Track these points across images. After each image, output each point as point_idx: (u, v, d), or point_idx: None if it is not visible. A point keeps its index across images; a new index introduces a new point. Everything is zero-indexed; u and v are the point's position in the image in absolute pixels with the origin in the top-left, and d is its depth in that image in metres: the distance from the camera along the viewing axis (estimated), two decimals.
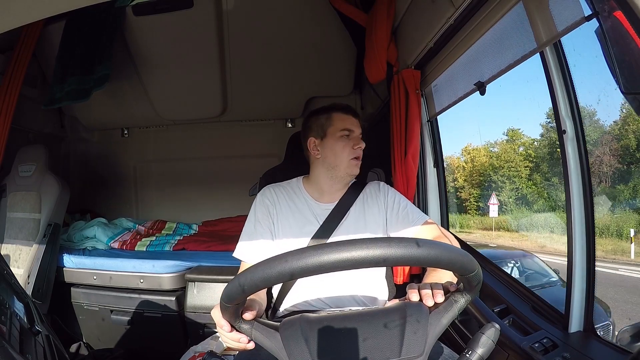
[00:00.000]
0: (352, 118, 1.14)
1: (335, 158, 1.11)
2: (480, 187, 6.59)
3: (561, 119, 0.98)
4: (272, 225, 1.10)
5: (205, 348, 1.50)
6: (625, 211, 4.83)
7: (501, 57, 1.11)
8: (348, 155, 1.10)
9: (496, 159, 6.52)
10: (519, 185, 6.14)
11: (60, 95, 2.15)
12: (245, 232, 1.10)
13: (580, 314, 0.95)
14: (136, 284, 2.04)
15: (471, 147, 6.86)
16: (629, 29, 0.58)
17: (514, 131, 6.98)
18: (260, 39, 2.27)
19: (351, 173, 1.12)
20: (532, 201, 5.97)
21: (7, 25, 0.78)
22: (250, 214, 1.13)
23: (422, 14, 1.36)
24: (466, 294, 0.63)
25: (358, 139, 1.13)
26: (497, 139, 7.37)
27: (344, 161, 1.10)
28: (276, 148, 2.57)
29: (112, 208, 2.99)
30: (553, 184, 5.66)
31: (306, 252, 0.52)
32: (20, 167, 2.23)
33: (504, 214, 6.19)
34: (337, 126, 1.12)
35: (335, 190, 1.14)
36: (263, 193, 1.14)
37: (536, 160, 6.16)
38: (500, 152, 6.64)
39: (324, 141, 1.12)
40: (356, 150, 1.11)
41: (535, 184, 6.06)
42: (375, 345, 0.61)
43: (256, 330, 0.63)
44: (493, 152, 6.77)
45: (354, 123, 1.13)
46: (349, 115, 1.14)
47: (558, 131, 1.00)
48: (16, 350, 0.73)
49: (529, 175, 6.20)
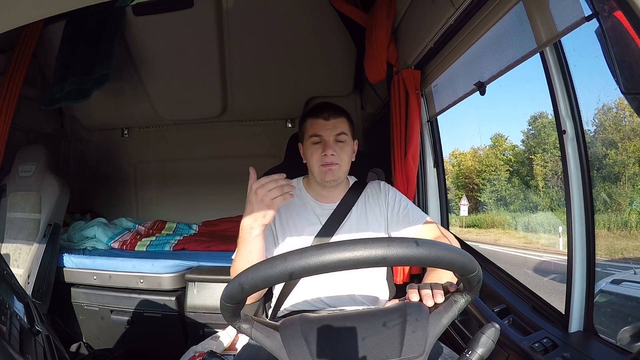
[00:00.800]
0: (322, 121, 1.07)
1: (309, 164, 1.10)
2: (465, 189, 6.94)
3: (561, 119, 0.98)
4: (273, 226, 1.09)
5: (205, 348, 1.50)
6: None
7: (501, 57, 1.11)
8: (317, 162, 1.06)
9: (479, 163, 6.94)
10: (498, 188, 6.69)
11: (61, 95, 2.14)
12: None
13: (580, 314, 0.95)
14: (136, 283, 2.04)
15: (458, 152, 7.19)
16: (629, 29, 0.58)
17: (497, 137, 7.39)
18: (260, 39, 2.27)
19: (324, 179, 1.07)
20: (510, 202, 6.57)
21: (7, 25, 0.78)
22: None
23: (422, 14, 1.36)
24: (466, 294, 0.63)
25: (328, 144, 1.06)
26: (482, 144, 7.84)
27: (315, 167, 1.07)
28: (276, 148, 2.57)
29: (112, 208, 3.00)
30: (530, 187, 6.20)
31: (306, 252, 0.52)
32: (20, 167, 2.23)
33: (484, 213, 6.59)
34: (308, 132, 1.09)
35: (332, 191, 1.14)
36: None
37: (515, 165, 6.69)
38: (482, 157, 7.10)
39: (304, 146, 1.12)
40: (324, 157, 1.05)
41: (514, 186, 6.61)
42: (375, 345, 0.61)
43: (256, 330, 0.63)
44: (478, 156, 7.20)
45: (324, 127, 1.07)
46: (318, 119, 1.08)
47: (558, 131, 0.99)
48: (16, 350, 0.73)
49: (508, 179, 6.75)
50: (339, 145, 1.07)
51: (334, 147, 1.06)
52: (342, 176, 1.11)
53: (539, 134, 5.55)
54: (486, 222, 6.39)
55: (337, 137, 1.07)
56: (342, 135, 1.08)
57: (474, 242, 4.00)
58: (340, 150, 1.07)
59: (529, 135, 6.13)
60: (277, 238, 1.09)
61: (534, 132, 5.90)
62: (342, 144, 1.08)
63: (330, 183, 1.09)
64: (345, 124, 1.10)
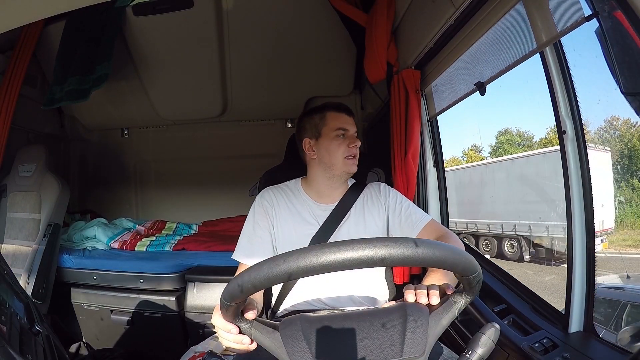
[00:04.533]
0: (346, 116, 1.13)
1: (331, 157, 1.10)
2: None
3: (561, 119, 0.98)
4: (272, 227, 1.10)
5: (205, 348, 1.50)
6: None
7: (501, 57, 1.11)
8: (343, 154, 1.10)
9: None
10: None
11: (60, 95, 2.14)
12: (243, 234, 1.10)
13: (580, 314, 0.95)
14: (136, 284, 2.04)
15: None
16: (629, 29, 0.59)
17: (469, 150, 9.11)
18: (260, 39, 2.27)
19: (348, 171, 1.11)
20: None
21: (7, 25, 0.78)
22: (249, 216, 1.12)
23: (422, 14, 1.36)
24: (466, 294, 0.63)
25: (353, 137, 1.12)
26: (464, 149, 9.08)
27: (340, 160, 1.10)
28: (276, 148, 2.56)
29: (112, 208, 3.00)
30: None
31: (307, 252, 0.52)
32: (20, 167, 2.23)
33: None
34: (331, 125, 1.11)
35: (333, 190, 1.14)
36: (262, 195, 1.14)
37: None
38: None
39: (319, 141, 1.12)
40: (351, 148, 1.10)
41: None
42: (375, 345, 0.61)
43: (256, 329, 0.63)
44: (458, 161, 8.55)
45: (348, 121, 1.12)
46: (342, 113, 1.13)
47: (558, 131, 1.00)
48: (16, 350, 0.73)
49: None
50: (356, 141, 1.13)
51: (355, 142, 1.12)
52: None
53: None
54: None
55: (355, 134, 1.13)
56: (356, 133, 1.14)
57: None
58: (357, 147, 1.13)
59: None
60: (275, 239, 1.10)
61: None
62: (357, 142, 1.13)
63: (348, 175, 1.14)
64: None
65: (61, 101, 2.15)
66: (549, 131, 6.87)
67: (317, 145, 1.12)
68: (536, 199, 5.90)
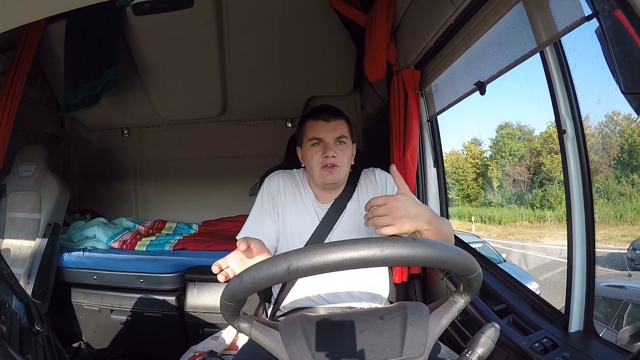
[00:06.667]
0: (323, 123, 1.06)
1: (310, 167, 1.09)
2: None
3: (561, 119, 0.98)
4: (276, 214, 1.11)
5: (205, 348, 1.50)
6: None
7: (501, 57, 1.11)
8: (317, 164, 1.06)
9: (450, 165, 8.21)
10: (464, 187, 8.28)
11: (76, 102, 2.18)
12: (250, 217, 1.12)
13: (580, 314, 0.95)
14: (136, 283, 2.04)
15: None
16: (629, 29, 0.59)
17: (469, 144, 8.88)
18: (260, 39, 2.27)
19: (325, 181, 1.07)
20: (473, 199, 8.26)
21: (8, 24, 0.78)
22: (257, 199, 1.13)
23: (422, 13, 1.36)
24: (466, 294, 0.64)
25: (329, 146, 1.05)
26: (455, 149, 9.21)
27: (316, 170, 1.07)
28: (276, 148, 2.56)
29: (112, 208, 3.00)
30: (492, 188, 7.78)
31: (308, 251, 0.53)
32: (20, 167, 2.23)
33: (450, 208, 8.20)
34: (308, 135, 1.08)
35: (330, 193, 1.14)
36: (270, 179, 1.15)
37: (481, 168, 8.36)
38: (453, 160, 8.50)
39: (302, 150, 1.12)
40: (326, 158, 1.04)
41: (479, 185, 8.24)
42: (375, 345, 0.61)
43: (256, 329, 0.63)
44: (450, 159, 8.51)
45: (324, 129, 1.06)
46: (318, 121, 1.07)
47: (558, 131, 0.99)
48: (16, 350, 0.73)
49: (474, 179, 8.32)
50: (340, 147, 1.07)
51: (335, 149, 1.06)
52: (343, 179, 1.10)
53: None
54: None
55: (337, 139, 1.07)
56: (342, 137, 1.08)
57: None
58: (340, 153, 1.06)
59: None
60: (279, 224, 1.11)
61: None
62: (342, 146, 1.07)
63: (330, 186, 1.09)
64: (345, 126, 1.10)
65: (77, 108, 2.19)
66: (549, 125, 6.97)
67: (302, 153, 1.13)
68: None
